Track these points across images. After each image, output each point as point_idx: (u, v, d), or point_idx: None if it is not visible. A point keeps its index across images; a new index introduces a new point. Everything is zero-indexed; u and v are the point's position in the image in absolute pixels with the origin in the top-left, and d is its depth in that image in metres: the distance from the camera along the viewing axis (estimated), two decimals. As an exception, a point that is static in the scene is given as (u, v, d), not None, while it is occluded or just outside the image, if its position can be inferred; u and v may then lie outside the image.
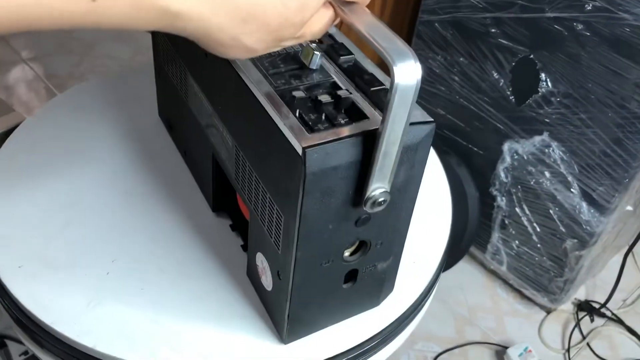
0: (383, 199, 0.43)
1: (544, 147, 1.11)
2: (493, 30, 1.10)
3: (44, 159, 0.69)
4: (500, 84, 1.13)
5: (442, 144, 1.29)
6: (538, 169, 1.14)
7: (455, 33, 1.16)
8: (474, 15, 1.12)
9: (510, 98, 1.13)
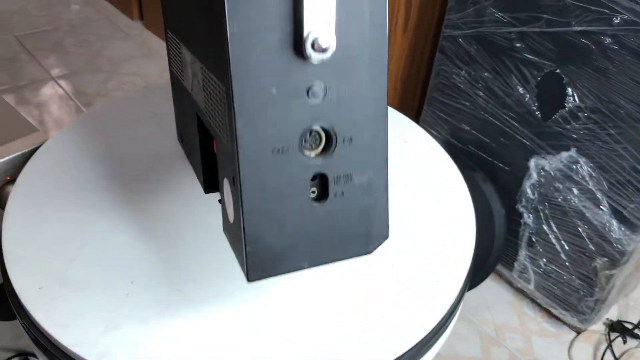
0: (326, 45, 0.37)
1: (572, 163, 1.09)
2: (518, 45, 1.08)
3: (63, 180, 0.69)
4: (526, 99, 1.11)
5: (467, 160, 1.27)
6: (566, 186, 1.12)
7: (480, 48, 1.15)
8: (499, 30, 1.10)
9: (536, 113, 1.11)
